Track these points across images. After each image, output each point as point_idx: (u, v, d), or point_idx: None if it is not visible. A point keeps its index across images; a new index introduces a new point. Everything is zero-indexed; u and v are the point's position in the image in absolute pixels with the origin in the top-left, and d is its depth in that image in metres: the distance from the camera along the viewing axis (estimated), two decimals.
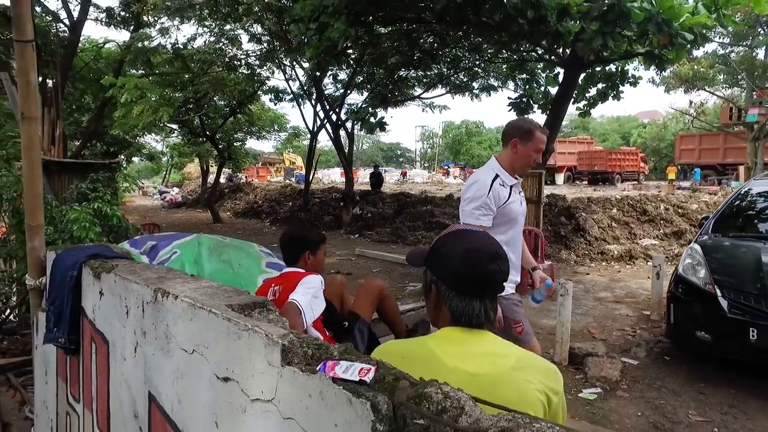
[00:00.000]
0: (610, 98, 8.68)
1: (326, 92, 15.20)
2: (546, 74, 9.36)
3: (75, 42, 11.26)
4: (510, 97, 9.53)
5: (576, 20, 5.79)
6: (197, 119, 15.60)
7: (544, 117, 8.56)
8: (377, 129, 8.35)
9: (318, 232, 2.44)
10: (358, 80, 14.43)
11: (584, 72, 7.91)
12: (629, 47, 6.20)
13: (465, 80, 14.29)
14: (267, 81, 15.55)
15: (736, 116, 24.12)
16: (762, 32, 22.78)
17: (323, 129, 15.37)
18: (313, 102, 15.40)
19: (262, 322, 0.99)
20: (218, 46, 12.90)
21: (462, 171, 43.08)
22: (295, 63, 14.55)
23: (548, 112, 8.37)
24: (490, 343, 1.11)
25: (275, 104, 17.27)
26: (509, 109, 9.30)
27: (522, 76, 10.77)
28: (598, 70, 8.25)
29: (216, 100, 15.95)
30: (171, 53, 12.86)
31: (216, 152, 17.43)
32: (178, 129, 17.81)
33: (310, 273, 2.13)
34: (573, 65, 7.32)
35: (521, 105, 9.06)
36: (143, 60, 12.99)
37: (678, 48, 5.33)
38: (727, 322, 3.64)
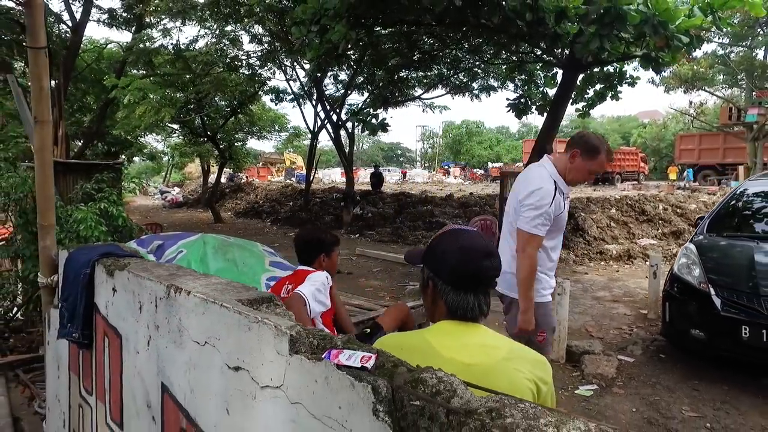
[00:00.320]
0: (609, 99, 8.74)
1: (327, 92, 15.27)
2: (545, 75, 9.44)
3: (77, 43, 11.32)
4: (508, 98, 9.61)
5: (574, 22, 5.86)
6: (198, 119, 15.67)
7: (542, 118, 8.63)
8: (379, 130, 8.42)
9: (332, 235, 2.50)
10: (359, 81, 14.50)
11: (583, 73, 7.97)
12: (626, 49, 6.27)
13: (465, 81, 14.37)
14: (268, 81, 15.63)
15: (736, 116, 24.17)
16: (761, 33, 22.84)
17: (324, 129, 15.45)
18: (314, 102, 15.48)
19: (271, 315, 1.07)
20: (219, 47, 12.98)
21: (462, 171, 43.16)
22: (296, 64, 14.63)
23: (547, 113, 8.43)
24: (483, 336, 1.18)
25: (276, 104, 17.36)
26: (507, 110, 9.38)
27: (521, 77, 10.84)
28: (597, 71, 8.31)
29: (217, 101, 16.03)
30: (173, 54, 12.93)
31: (217, 152, 17.51)
32: (180, 129, 17.89)
33: (316, 270, 2.21)
34: (571, 66, 7.39)
35: (519, 106, 9.13)
36: (145, 61, 13.06)
37: (674, 50, 5.41)
38: (721, 321, 3.71)
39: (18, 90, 4.88)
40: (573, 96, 8.64)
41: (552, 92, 9.14)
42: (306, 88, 15.49)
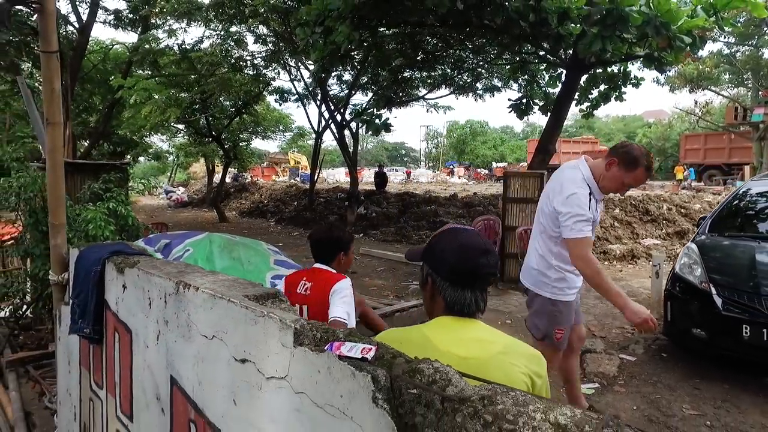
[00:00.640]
0: (613, 100, 8.75)
1: (331, 93, 15.34)
2: (550, 75, 9.44)
3: (84, 44, 11.46)
4: (510, 98, 9.64)
5: (577, 23, 5.89)
6: (203, 119, 15.76)
7: (544, 118, 8.65)
8: (382, 130, 8.47)
9: (349, 233, 2.51)
10: (363, 81, 14.55)
11: (586, 73, 7.99)
12: (629, 50, 6.29)
13: (469, 81, 14.39)
14: (272, 82, 15.71)
15: (742, 116, 24.03)
16: (767, 32, 22.71)
17: (328, 129, 15.51)
18: (318, 102, 15.55)
19: (276, 310, 1.11)
20: (224, 47, 13.07)
21: (466, 171, 43.13)
22: (300, 64, 14.70)
23: (550, 113, 8.45)
24: (480, 331, 1.23)
25: (280, 105, 17.43)
26: (509, 111, 9.40)
27: (524, 77, 10.86)
28: (600, 72, 8.32)
29: (222, 101, 16.11)
30: (178, 55, 13.03)
31: (222, 152, 17.60)
32: (185, 129, 18.00)
33: (339, 276, 2.18)
34: (575, 67, 7.41)
35: (521, 106, 9.15)
36: (150, 61, 13.17)
37: (677, 51, 5.42)
38: (722, 320, 3.73)
39: (27, 91, 4.96)
40: (577, 97, 8.65)
41: (555, 92, 9.16)
42: (310, 89, 15.56)
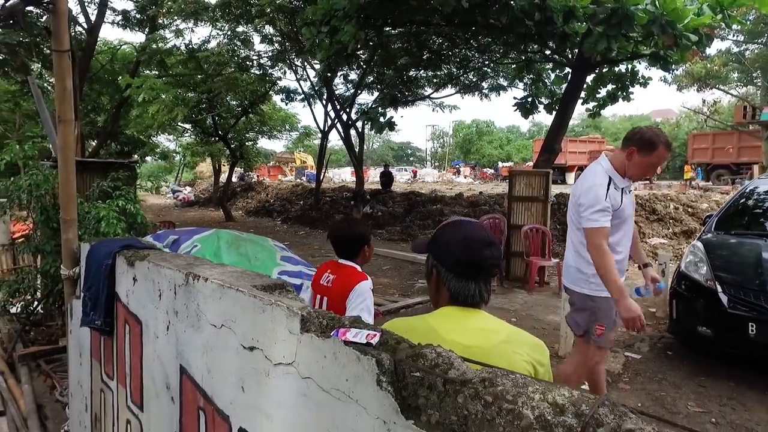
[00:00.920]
0: (620, 99, 8.71)
1: (337, 92, 15.40)
2: (556, 74, 9.42)
3: (92, 44, 11.55)
4: (516, 97, 9.62)
5: (582, 22, 5.88)
6: (210, 119, 15.87)
7: (550, 118, 8.64)
8: (386, 128, 8.49)
9: (368, 227, 2.54)
10: (369, 80, 14.59)
11: (592, 72, 7.97)
12: (635, 48, 6.28)
13: (474, 80, 14.41)
14: (278, 81, 15.79)
15: (751, 115, 23.80)
16: None
17: (334, 128, 15.56)
18: (324, 102, 15.61)
19: (283, 298, 1.14)
20: (231, 47, 13.15)
21: (472, 170, 43.04)
22: (306, 64, 14.77)
23: (555, 112, 8.44)
24: (484, 320, 1.25)
25: (286, 104, 17.56)
26: (515, 110, 9.38)
27: (530, 76, 10.83)
28: (608, 71, 8.28)
29: (228, 100, 16.22)
30: (185, 54, 13.13)
31: (228, 151, 17.71)
32: (191, 129, 18.12)
33: (361, 276, 2.19)
34: (580, 66, 7.40)
35: (526, 105, 9.13)
36: (158, 61, 13.27)
37: (683, 49, 5.41)
38: (728, 318, 3.73)
39: (38, 91, 5.03)
40: (584, 96, 8.63)
41: (561, 91, 9.13)
42: (316, 88, 15.62)
